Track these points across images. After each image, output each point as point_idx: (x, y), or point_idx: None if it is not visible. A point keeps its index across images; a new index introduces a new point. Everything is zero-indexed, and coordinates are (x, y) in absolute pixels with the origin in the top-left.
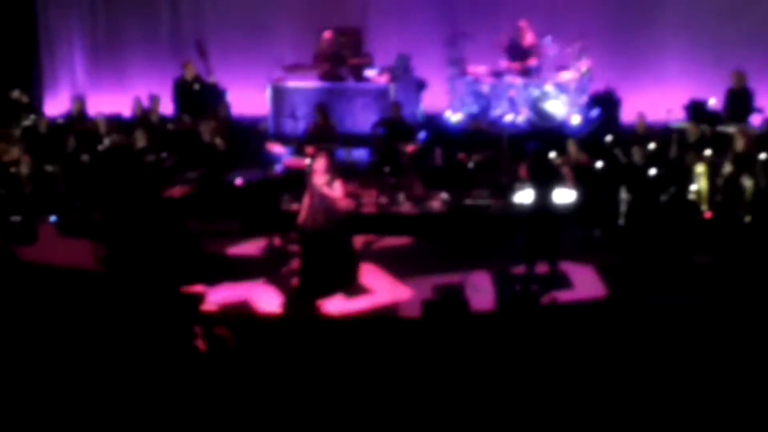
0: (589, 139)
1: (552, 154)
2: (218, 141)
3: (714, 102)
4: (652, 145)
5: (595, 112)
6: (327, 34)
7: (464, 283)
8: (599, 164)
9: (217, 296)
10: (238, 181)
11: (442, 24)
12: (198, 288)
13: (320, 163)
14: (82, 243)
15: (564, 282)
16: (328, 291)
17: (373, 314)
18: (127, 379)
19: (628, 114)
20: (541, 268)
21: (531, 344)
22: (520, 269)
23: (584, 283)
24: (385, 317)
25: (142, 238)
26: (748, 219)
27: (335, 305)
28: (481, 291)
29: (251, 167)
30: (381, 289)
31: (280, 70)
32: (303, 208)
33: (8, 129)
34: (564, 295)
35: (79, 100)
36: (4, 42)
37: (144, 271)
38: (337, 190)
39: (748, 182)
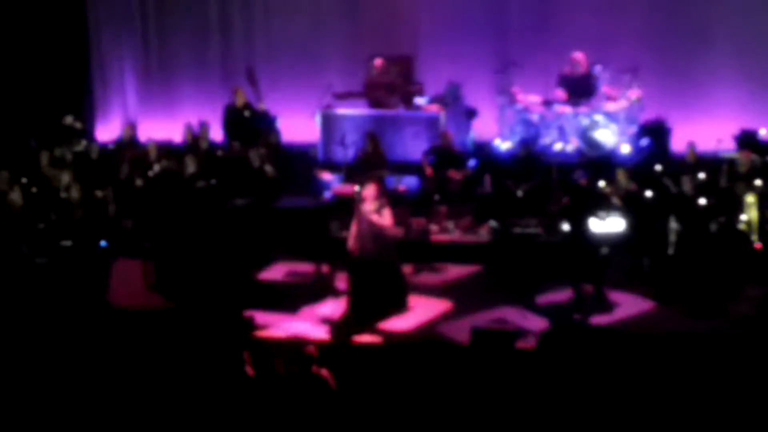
0: (639, 168)
1: (601, 183)
2: (268, 168)
3: (765, 132)
4: (702, 175)
5: (644, 142)
6: (378, 62)
7: (513, 312)
8: (649, 194)
9: (267, 322)
10: (288, 207)
11: (492, 52)
12: (247, 314)
13: (369, 191)
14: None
15: (610, 308)
16: (379, 318)
17: (420, 335)
18: (176, 403)
19: (678, 143)
20: (588, 294)
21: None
22: (566, 296)
23: (631, 307)
24: (432, 341)
25: (191, 264)
26: None
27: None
28: (528, 318)
29: (301, 194)
30: (424, 308)
31: (330, 97)
32: (351, 235)
33: (60, 154)
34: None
35: (131, 126)
36: (57, 68)
37: (194, 296)
38: (386, 218)
39: None
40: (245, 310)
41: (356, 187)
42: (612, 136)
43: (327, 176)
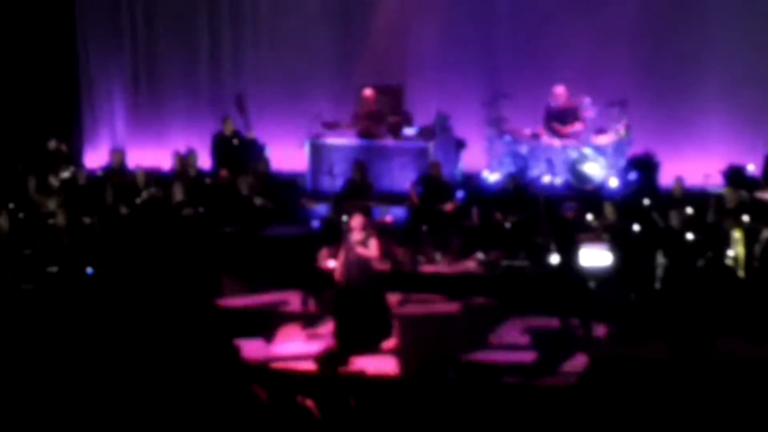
0: (627, 202)
1: (589, 217)
2: (260, 200)
3: (753, 168)
4: (689, 210)
5: (633, 176)
6: (367, 92)
7: (498, 343)
8: (636, 228)
9: (252, 350)
10: (275, 236)
11: (481, 84)
12: (234, 342)
13: (356, 221)
14: None
15: (595, 342)
16: (363, 348)
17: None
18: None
19: (666, 178)
20: (574, 327)
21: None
22: (553, 327)
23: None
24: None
25: (176, 290)
26: None
27: (368, 364)
28: (515, 350)
29: (288, 223)
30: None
31: (319, 126)
32: (338, 264)
33: (47, 180)
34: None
35: (119, 153)
36: (46, 93)
37: (178, 323)
38: (372, 249)
39: None
40: (232, 338)
41: (344, 217)
42: (600, 170)
43: (314, 205)
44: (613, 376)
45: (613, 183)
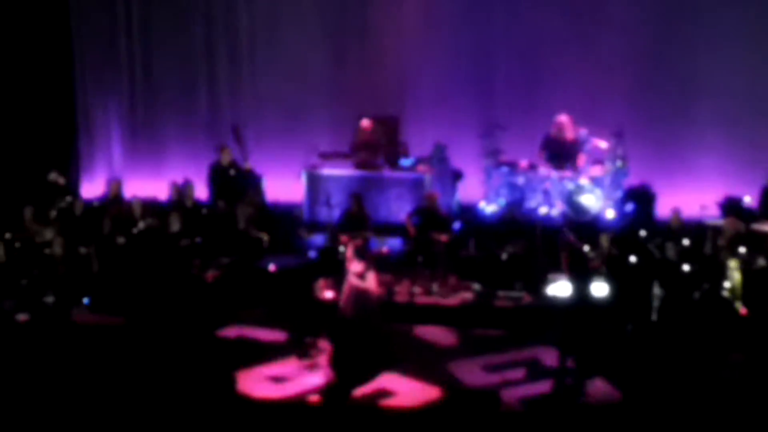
0: (623, 233)
1: (585, 248)
2: (254, 232)
3: (749, 199)
4: (686, 242)
5: (629, 207)
6: (364, 123)
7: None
8: (633, 259)
9: (249, 381)
10: (272, 267)
11: (478, 115)
12: (230, 373)
13: (351, 251)
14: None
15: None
16: (363, 379)
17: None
18: None
19: (662, 209)
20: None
21: None
22: (552, 361)
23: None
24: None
25: (172, 320)
26: None
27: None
28: (511, 384)
29: (285, 253)
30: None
31: (315, 157)
32: (343, 295)
33: (43, 210)
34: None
35: (116, 183)
36: (43, 123)
37: (174, 354)
38: (370, 280)
39: None
40: (230, 369)
41: (341, 248)
42: (597, 201)
43: (311, 236)
44: None
45: (610, 214)
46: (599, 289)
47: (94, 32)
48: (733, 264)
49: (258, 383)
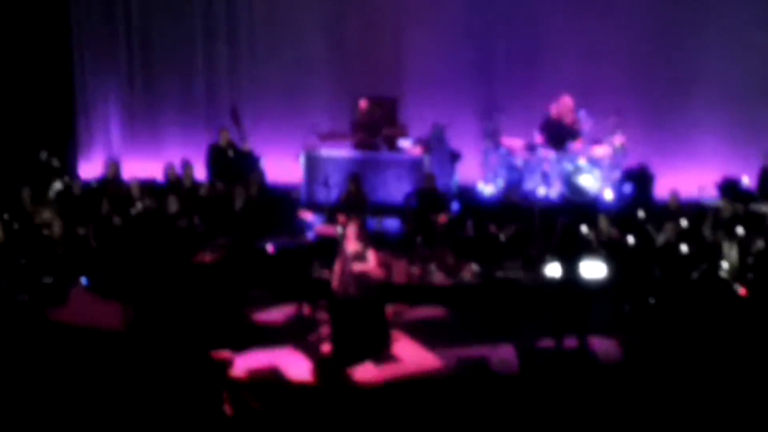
0: (622, 214)
1: (583, 229)
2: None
3: (747, 180)
4: (684, 222)
5: (628, 188)
6: (363, 104)
7: (491, 355)
8: (631, 240)
9: (246, 362)
10: (270, 247)
11: (477, 96)
12: (226, 353)
13: (351, 231)
14: (112, 305)
15: (590, 357)
16: (359, 359)
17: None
18: None
19: (661, 190)
20: (569, 342)
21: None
22: (548, 343)
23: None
24: (411, 382)
25: (171, 303)
26: None
27: (364, 373)
28: (507, 363)
29: (283, 234)
30: (409, 359)
31: (314, 138)
32: (335, 275)
33: (41, 191)
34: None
35: (114, 164)
36: (41, 104)
37: (171, 335)
38: (369, 260)
39: None
40: (224, 349)
41: (339, 228)
42: (595, 182)
43: (309, 217)
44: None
45: (608, 195)
46: (594, 269)
47: (92, 13)
48: (731, 245)
49: (255, 363)
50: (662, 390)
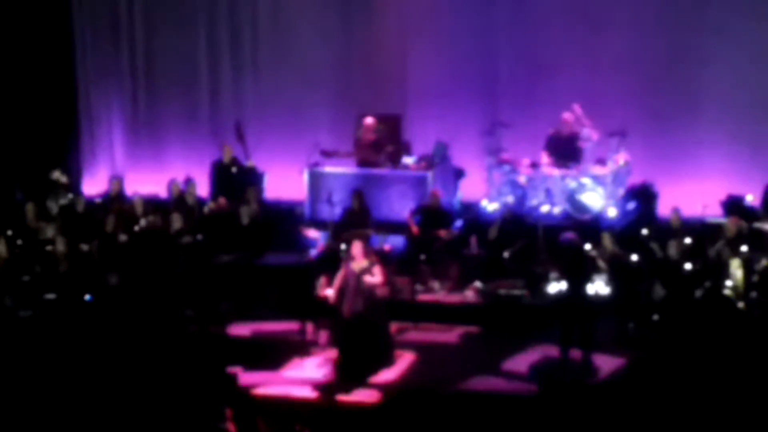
0: (625, 232)
1: (587, 247)
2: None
3: (751, 198)
4: (688, 240)
5: (631, 205)
6: (366, 121)
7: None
8: (634, 258)
9: (251, 379)
10: (273, 264)
11: (480, 113)
12: (230, 370)
13: (357, 248)
14: None
15: (595, 372)
16: (365, 375)
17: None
18: None
19: (664, 208)
20: (575, 357)
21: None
22: (553, 358)
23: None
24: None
25: (174, 317)
26: None
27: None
28: (514, 378)
29: (286, 251)
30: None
31: (318, 155)
32: (334, 291)
33: (45, 207)
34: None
35: (117, 181)
36: (45, 120)
37: (175, 351)
38: (377, 276)
39: None
40: (228, 366)
41: (342, 246)
42: (599, 200)
43: (313, 234)
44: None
45: (612, 213)
46: (598, 287)
47: (96, 28)
48: (734, 264)
49: (259, 379)
50: (666, 406)
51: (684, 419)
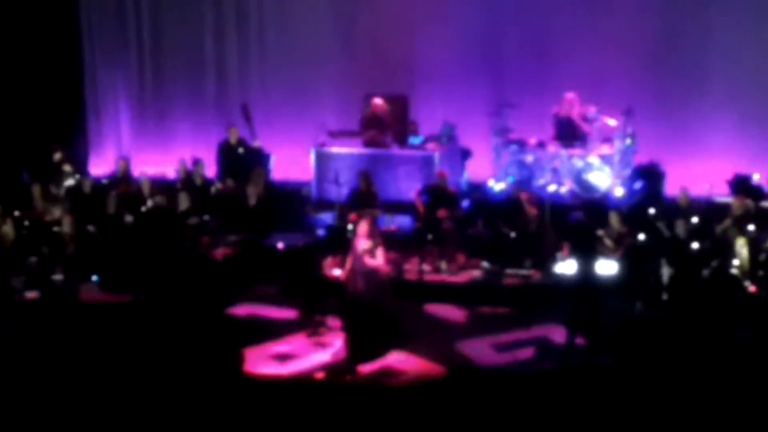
0: (632, 211)
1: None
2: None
3: (759, 177)
4: (695, 220)
5: (638, 185)
6: (373, 101)
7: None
8: (642, 237)
9: (257, 358)
10: (280, 245)
11: (487, 93)
12: (238, 349)
13: (363, 229)
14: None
15: (604, 352)
16: (372, 357)
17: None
18: None
19: (671, 187)
20: (581, 338)
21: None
22: (560, 339)
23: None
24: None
25: (181, 299)
26: None
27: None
28: (519, 359)
29: (293, 231)
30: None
31: (324, 135)
32: (346, 271)
33: (52, 189)
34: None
35: (124, 161)
36: (52, 102)
37: (182, 332)
38: (379, 258)
39: None
40: (235, 346)
41: (350, 226)
42: (606, 179)
43: (320, 214)
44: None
45: (619, 192)
46: (606, 267)
47: (103, 10)
48: (741, 243)
49: (265, 361)
50: (670, 392)
51: (689, 403)
